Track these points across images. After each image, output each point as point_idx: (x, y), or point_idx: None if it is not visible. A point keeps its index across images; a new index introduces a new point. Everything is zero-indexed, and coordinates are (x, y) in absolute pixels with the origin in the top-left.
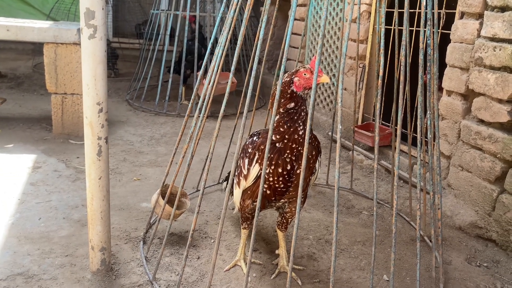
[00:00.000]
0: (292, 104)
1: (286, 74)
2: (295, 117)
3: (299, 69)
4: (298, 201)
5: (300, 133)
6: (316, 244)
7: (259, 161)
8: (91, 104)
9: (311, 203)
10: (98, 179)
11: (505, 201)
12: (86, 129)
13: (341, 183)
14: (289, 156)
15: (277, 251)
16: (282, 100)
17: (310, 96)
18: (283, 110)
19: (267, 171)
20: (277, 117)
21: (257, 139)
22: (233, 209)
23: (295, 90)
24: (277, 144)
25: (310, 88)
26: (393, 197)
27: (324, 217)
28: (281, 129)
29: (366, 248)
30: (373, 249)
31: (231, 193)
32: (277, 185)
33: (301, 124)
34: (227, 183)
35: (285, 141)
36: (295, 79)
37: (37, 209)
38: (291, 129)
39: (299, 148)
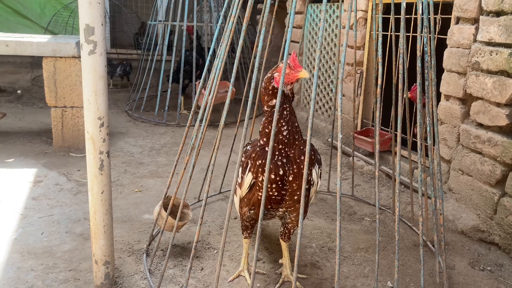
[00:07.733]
0: (274, 101)
1: (270, 71)
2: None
3: (279, 65)
4: (301, 210)
5: (285, 133)
6: (320, 252)
7: (251, 170)
8: (92, 119)
9: (313, 211)
10: (101, 193)
11: (507, 204)
12: (88, 144)
13: (342, 189)
14: (279, 158)
15: (280, 261)
16: (266, 98)
17: (293, 93)
18: (267, 108)
19: (260, 179)
20: (263, 118)
21: (250, 148)
22: (235, 218)
23: (275, 86)
24: (266, 148)
25: (291, 83)
26: (395, 204)
27: (327, 224)
28: (266, 130)
29: (369, 254)
30: (376, 256)
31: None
32: (271, 193)
33: (284, 124)
34: None
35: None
36: (275, 74)
37: (39, 224)
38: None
39: (286, 149)
